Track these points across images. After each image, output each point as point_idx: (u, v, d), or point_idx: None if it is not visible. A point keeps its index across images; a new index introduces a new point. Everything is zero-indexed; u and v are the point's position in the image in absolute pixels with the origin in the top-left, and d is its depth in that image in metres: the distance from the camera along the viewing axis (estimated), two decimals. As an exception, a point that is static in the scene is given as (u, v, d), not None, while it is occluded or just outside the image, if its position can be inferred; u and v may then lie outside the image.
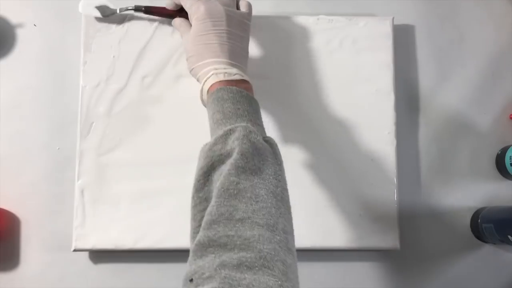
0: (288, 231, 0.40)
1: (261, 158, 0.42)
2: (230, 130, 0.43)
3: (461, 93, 0.65)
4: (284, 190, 0.42)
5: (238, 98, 0.47)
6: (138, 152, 0.59)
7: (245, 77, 0.50)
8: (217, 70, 0.49)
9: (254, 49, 0.62)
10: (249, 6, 0.55)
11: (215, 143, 0.43)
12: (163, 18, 0.60)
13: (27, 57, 0.63)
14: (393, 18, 0.63)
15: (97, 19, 0.61)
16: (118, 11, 0.60)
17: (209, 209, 0.39)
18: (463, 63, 0.66)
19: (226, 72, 0.49)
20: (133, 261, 0.60)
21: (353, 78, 0.62)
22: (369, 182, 0.60)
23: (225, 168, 0.41)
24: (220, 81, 0.49)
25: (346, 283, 0.61)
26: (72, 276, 0.60)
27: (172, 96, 0.61)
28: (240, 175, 0.40)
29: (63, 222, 0.60)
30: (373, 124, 0.61)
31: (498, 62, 0.66)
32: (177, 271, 0.60)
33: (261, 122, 0.48)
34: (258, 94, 0.51)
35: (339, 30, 0.62)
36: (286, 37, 0.62)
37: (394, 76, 0.62)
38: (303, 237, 0.59)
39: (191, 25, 0.53)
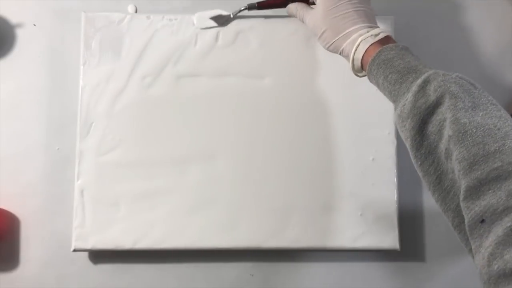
0: None
1: (470, 94, 0.41)
2: (423, 81, 0.42)
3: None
4: (504, 110, 0.40)
5: (401, 52, 0.47)
6: (138, 152, 0.59)
7: (387, 33, 0.50)
8: (363, 36, 0.49)
9: (254, 49, 0.62)
10: None
11: (415, 99, 0.42)
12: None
13: (26, 57, 0.63)
14: (393, 18, 0.63)
15: (97, 19, 0.61)
16: (232, 16, 0.61)
17: (459, 156, 0.38)
18: (463, 63, 0.66)
19: (372, 35, 0.49)
20: (133, 261, 0.60)
21: (354, 77, 0.62)
22: (369, 182, 0.60)
23: (446, 116, 0.40)
24: (372, 44, 0.49)
25: (346, 283, 0.61)
26: (71, 276, 0.60)
27: (172, 96, 0.60)
28: (465, 114, 0.39)
29: (62, 222, 0.60)
30: (374, 124, 0.61)
31: (498, 62, 0.66)
32: (177, 271, 0.61)
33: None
34: (258, 94, 0.51)
35: (339, 30, 0.62)
36: (286, 37, 0.62)
37: (394, 76, 0.62)
38: (303, 237, 0.59)
39: (308, 5, 0.55)
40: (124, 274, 0.60)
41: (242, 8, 0.60)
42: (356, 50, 0.49)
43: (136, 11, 0.64)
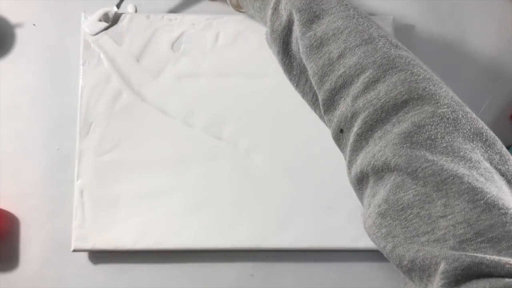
0: (384, 34, 0.38)
1: (318, 1, 0.40)
2: (274, 3, 0.42)
3: (461, 93, 0.65)
4: (354, 8, 0.40)
5: None
6: (138, 152, 0.59)
7: None
8: None
9: (254, 49, 0.62)
10: None
11: (272, 23, 0.42)
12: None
13: (26, 57, 0.63)
14: (393, 18, 0.63)
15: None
16: (117, 9, 0.60)
17: (310, 72, 0.38)
18: (463, 63, 0.66)
19: None
20: (132, 262, 0.60)
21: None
22: (369, 182, 0.60)
23: (296, 33, 0.40)
24: None
25: (346, 283, 0.61)
26: (71, 276, 0.60)
27: (172, 96, 0.60)
28: (311, 26, 0.39)
29: (62, 222, 0.60)
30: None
31: (498, 62, 0.66)
32: (177, 271, 0.60)
33: None
34: (258, 94, 0.51)
35: (339, 30, 0.62)
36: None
37: (394, 76, 0.62)
38: (303, 237, 0.59)
39: None
40: (124, 274, 0.60)
41: None
42: None
43: (136, 11, 0.64)
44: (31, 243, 0.60)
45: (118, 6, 0.60)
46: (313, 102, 0.42)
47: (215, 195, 0.59)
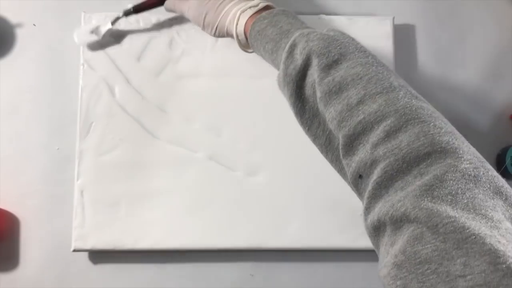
0: (404, 84, 0.38)
1: (335, 45, 0.40)
2: (290, 46, 0.42)
3: (461, 93, 0.65)
4: (373, 55, 0.40)
5: (274, 19, 0.46)
6: (138, 152, 0.59)
7: (267, 2, 0.49)
8: (242, 8, 0.48)
9: (254, 49, 0.62)
10: None
11: (285, 66, 0.42)
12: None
13: (26, 57, 0.63)
14: (393, 18, 0.63)
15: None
16: (111, 25, 0.59)
17: (329, 116, 0.38)
18: (463, 63, 0.66)
19: (250, 7, 0.48)
20: (132, 261, 0.60)
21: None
22: (369, 182, 0.60)
23: (314, 77, 0.40)
24: (250, 17, 0.47)
25: (346, 283, 0.61)
26: (71, 276, 0.60)
27: (172, 96, 0.60)
28: (330, 71, 0.38)
29: (62, 222, 0.60)
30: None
31: (498, 62, 0.66)
32: (177, 271, 0.60)
33: (306, 24, 0.47)
34: (258, 94, 0.51)
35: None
36: (286, 37, 0.62)
37: (394, 76, 0.62)
38: (303, 237, 0.59)
39: None
40: (124, 274, 0.60)
41: (120, 16, 0.58)
42: (237, 24, 0.48)
43: (136, 11, 0.64)
44: (31, 243, 0.60)
45: (113, 23, 0.59)
46: (326, 145, 0.42)
47: (215, 195, 0.59)
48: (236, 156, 0.60)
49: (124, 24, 0.61)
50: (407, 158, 0.33)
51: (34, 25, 0.64)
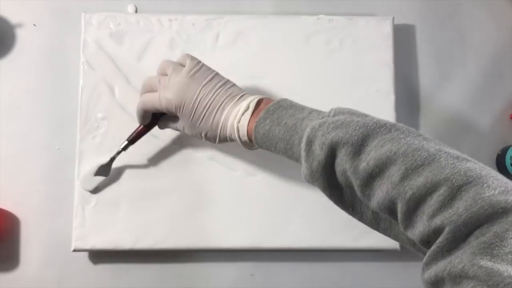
0: (439, 147, 0.38)
1: (353, 128, 0.40)
2: (306, 144, 0.42)
3: (461, 93, 0.65)
4: (391, 124, 0.40)
5: (275, 117, 0.46)
6: (138, 152, 0.59)
7: (256, 97, 0.49)
8: (237, 117, 0.48)
9: (254, 49, 0.62)
10: (185, 57, 0.53)
11: (309, 165, 0.42)
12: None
13: (26, 57, 0.63)
14: (393, 18, 0.63)
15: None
16: (111, 161, 0.57)
17: (377, 199, 0.38)
18: (463, 63, 0.66)
19: (243, 113, 0.47)
20: (132, 261, 0.60)
21: (353, 78, 0.62)
22: (369, 182, 0.60)
23: (343, 167, 0.40)
24: (248, 122, 0.47)
25: (346, 283, 0.61)
26: (71, 276, 0.60)
27: (172, 96, 0.60)
28: (360, 157, 0.39)
29: (62, 222, 0.60)
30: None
31: (498, 62, 0.66)
32: (177, 271, 0.61)
33: (308, 107, 0.47)
34: (258, 94, 0.51)
35: (339, 30, 0.62)
36: (286, 37, 0.62)
37: (394, 76, 0.62)
38: (303, 237, 0.59)
39: (173, 115, 0.52)
40: (124, 274, 0.60)
41: (119, 150, 0.57)
42: (239, 134, 0.48)
43: (136, 11, 0.64)
44: (31, 243, 0.60)
45: (112, 159, 0.57)
46: (374, 218, 0.42)
47: (215, 195, 0.59)
48: (236, 156, 0.60)
49: (124, 24, 0.61)
50: (468, 223, 0.33)
51: (34, 25, 0.64)
